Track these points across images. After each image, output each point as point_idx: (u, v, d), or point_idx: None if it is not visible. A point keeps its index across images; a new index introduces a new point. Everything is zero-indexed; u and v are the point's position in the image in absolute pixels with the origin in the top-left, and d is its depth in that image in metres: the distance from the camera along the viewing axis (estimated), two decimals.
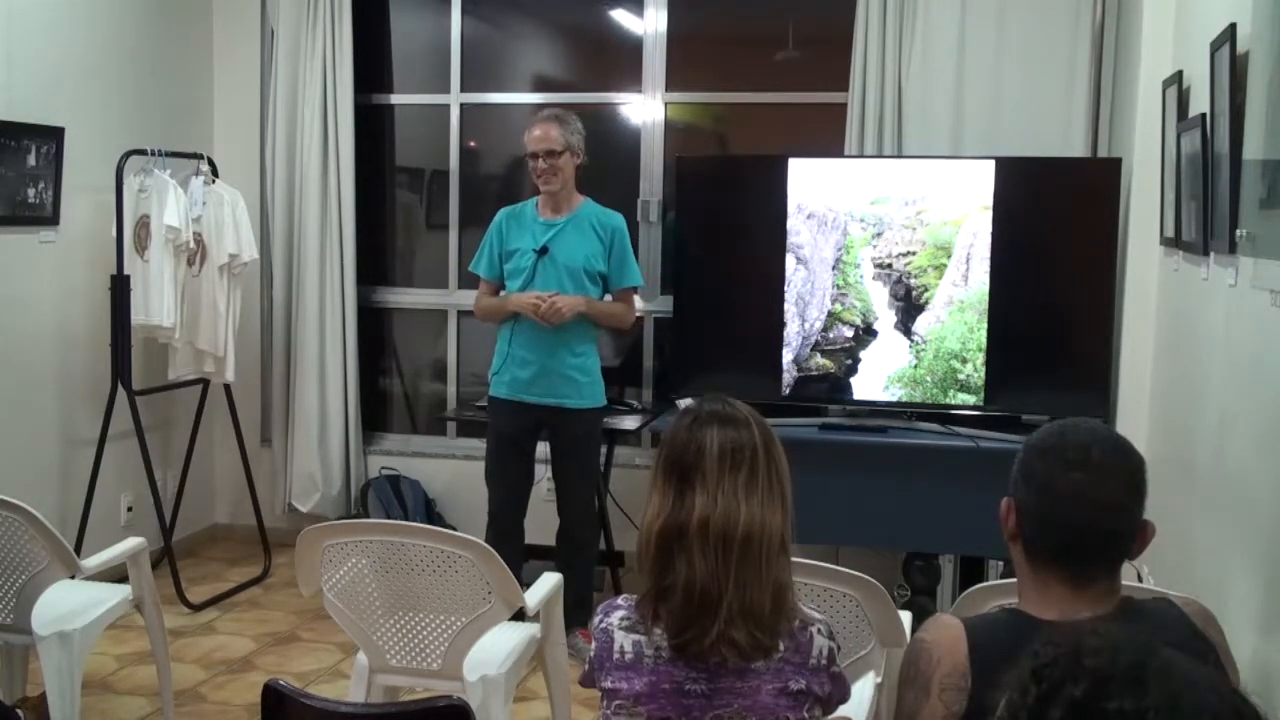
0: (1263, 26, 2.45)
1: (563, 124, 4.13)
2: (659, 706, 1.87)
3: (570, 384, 4.16)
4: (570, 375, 4.16)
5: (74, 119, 4.54)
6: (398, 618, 2.98)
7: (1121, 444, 1.68)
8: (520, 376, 4.16)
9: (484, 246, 4.28)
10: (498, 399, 4.24)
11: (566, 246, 4.14)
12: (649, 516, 1.90)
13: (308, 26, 5.25)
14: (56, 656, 3.12)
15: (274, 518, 5.34)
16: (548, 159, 4.09)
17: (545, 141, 4.09)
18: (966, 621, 1.70)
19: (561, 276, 4.12)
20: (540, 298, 4.05)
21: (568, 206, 4.19)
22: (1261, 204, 2.40)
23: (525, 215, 4.25)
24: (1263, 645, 2.36)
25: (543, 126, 4.12)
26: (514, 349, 4.16)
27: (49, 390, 4.62)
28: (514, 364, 4.17)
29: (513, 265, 4.18)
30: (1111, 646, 0.97)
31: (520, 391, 4.17)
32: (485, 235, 4.30)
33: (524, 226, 4.21)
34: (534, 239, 4.16)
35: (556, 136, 4.09)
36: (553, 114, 4.20)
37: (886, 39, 4.64)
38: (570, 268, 4.13)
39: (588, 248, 4.16)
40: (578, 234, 4.16)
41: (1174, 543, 2.99)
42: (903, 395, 4.34)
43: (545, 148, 4.09)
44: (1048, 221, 4.30)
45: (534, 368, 4.14)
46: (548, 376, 4.14)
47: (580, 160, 4.18)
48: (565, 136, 4.10)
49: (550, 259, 4.13)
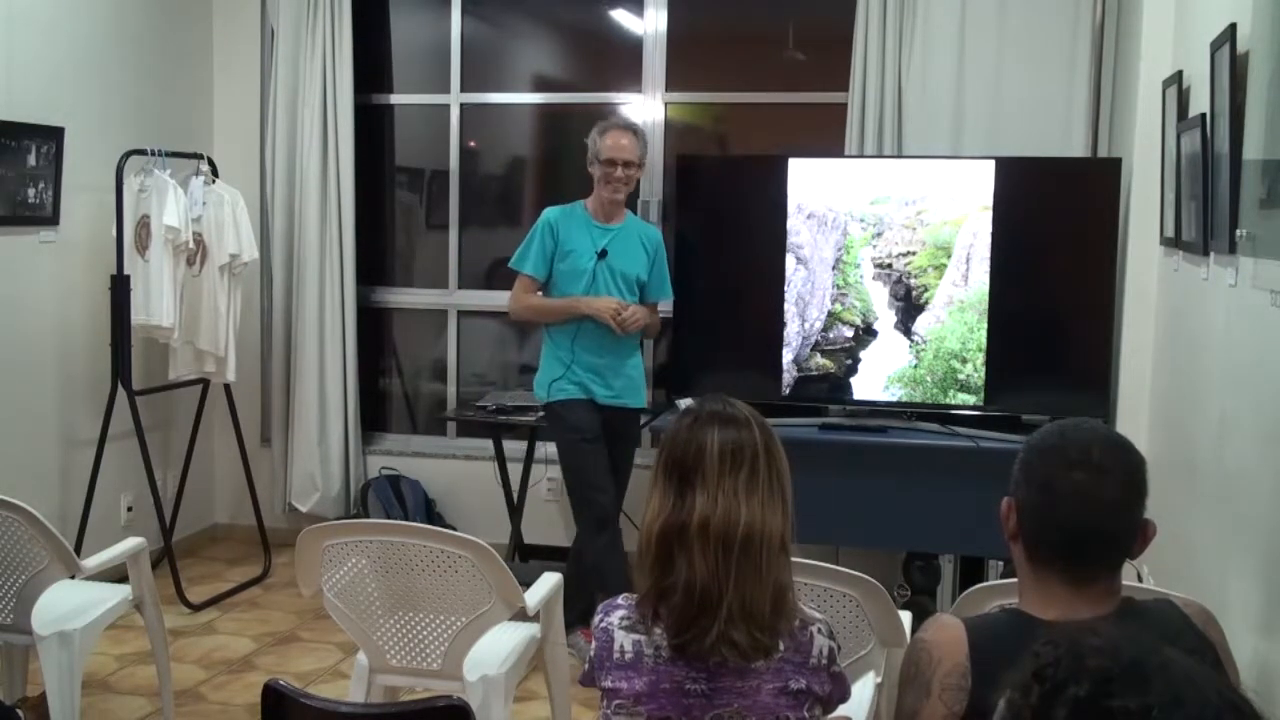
0: (1263, 26, 2.45)
1: (638, 136, 4.17)
2: (659, 706, 1.87)
3: (632, 386, 4.22)
4: (632, 377, 4.22)
5: (74, 119, 4.54)
6: (398, 618, 2.98)
7: (1122, 444, 1.68)
8: (589, 379, 4.16)
9: (531, 245, 4.18)
10: (570, 400, 4.16)
11: (623, 254, 4.17)
12: (649, 516, 1.90)
13: (308, 26, 5.25)
14: (56, 656, 3.12)
15: (274, 518, 5.34)
16: (625, 169, 4.09)
17: (626, 151, 4.09)
18: (967, 621, 1.70)
19: (617, 281, 4.16)
20: (622, 305, 4.06)
21: (619, 216, 4.22)
22: (1261, 204, 2.40)
23: (577, 217, 4.21)
24: (1263, 645, 2.36)
25: (626, 136, 4.11)
26: (579, 354, 4.14)
27: (49, 390, 4.62)
28: (580, 368, 4.15)
29: (569, 266, 4.14)
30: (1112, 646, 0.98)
31: (589, 393, 4.16)
32: (532, 234, 4.19)
33: (578, 228, 4.18)
34: (592, 242, 4.15)
35: (634, 148, 4.11)
36: (629, 124, 4.23)
37: (886, 39, 4.64)
38: (625, 275, 4.17)
39: (640, 258, 4.21)
40: (631, 243, 4.21)
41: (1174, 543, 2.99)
42: (903, 395, 4.34)
43: (625, 157, 4.09)
44: (1048, 221, 4.30)
45: (605, 371, 4.15)
46: (617, 378, 4.17)
47: (642, 173, 4.27)
48: (640, 149, 4.15)
49: (608, 263, 4.14)
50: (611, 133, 4.12)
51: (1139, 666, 0.95)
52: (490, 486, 5.09)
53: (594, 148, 4.13)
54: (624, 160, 4.09)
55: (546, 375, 4.21)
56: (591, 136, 4.15)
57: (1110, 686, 0.94)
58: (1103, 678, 0.95)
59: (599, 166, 4.12)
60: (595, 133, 4.15)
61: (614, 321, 4.04)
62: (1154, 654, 0.97)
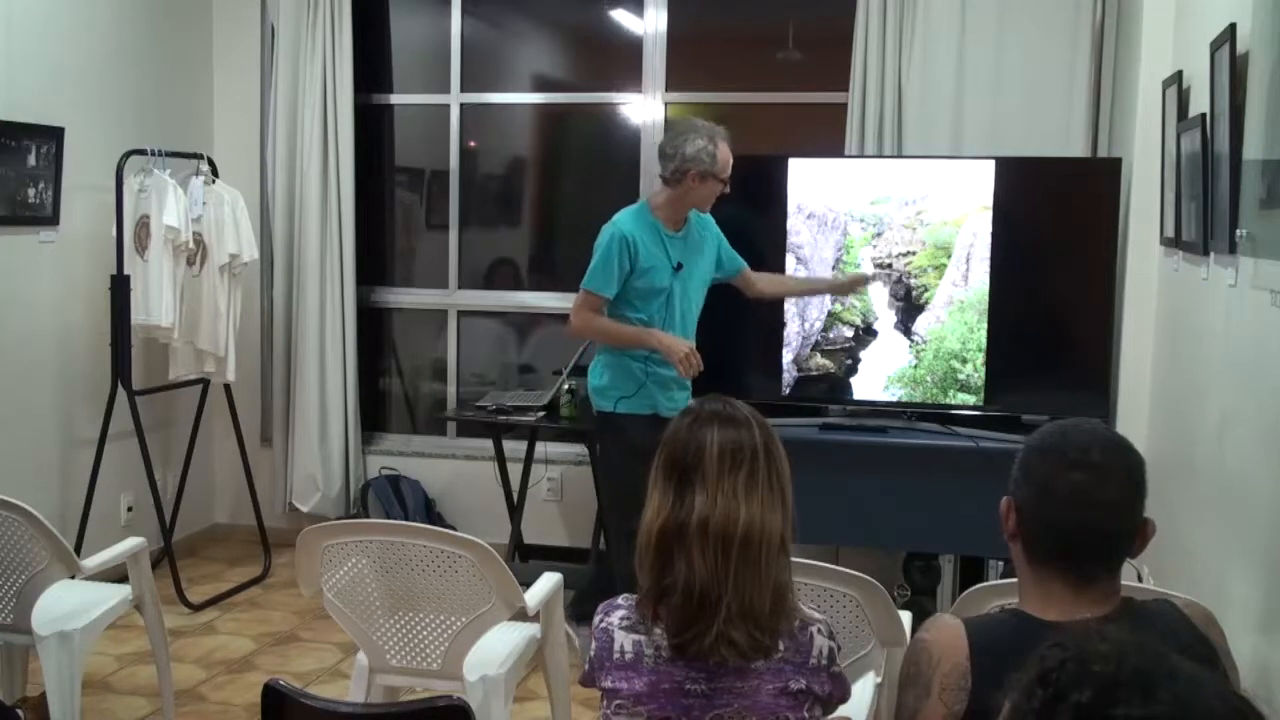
0: (1263, 26, 2.45)
1: None
2: (659, 706, 1.87)
3: (689, 395, 4.00)
4: (688, 386, 3.99)
5: (74, 119, 4.54)
6: (398, 618, 2.98)
7: (1121, 444, 1.68)
8: (659, 393, 3.93)
9: (608, 263, 3.80)
10: (637, 416, 3.91)
11: (694, 257, 3.95)
12: (649, 516, 1.91)
13: (308, 26, 5.25)
14: (56, 656, 3.12)
15: (274, 518, 5.34)
16: (728, 184, 3.86)
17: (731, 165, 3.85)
18: (967, 621, 1.70)
19: (690, 290, 3.95)
20: (694, 351, 3.78)
21: (686, 220, 3.96)
22: (1261, 204, 2.40)
23: (648, 225, 3.87)
24: (1263, 645, 2.36)
25: (729, 149, 3.81)
26: (652, 369, 3.90)
27: (49, 390, 4.62)
28: (654, 383, 3.92)
29: (645, 284, 3.84)
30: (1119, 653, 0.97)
31: (659, 407, 3.92)
32: (608, 250, 3.80)
33: (653, 241, 3.86)
34: (668, 255, 3.89)
35: None
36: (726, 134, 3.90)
37: (886, 39, 4.64)
38: (701, 279, 3.99)
39: (706, 264, 4.01)
40: (697, 249, 3.98)
41: (1174, 543, 2.99)
42: (903, 395, 4.34)
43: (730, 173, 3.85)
44: (1048, 221, 4.30)
45: (674, 383, 3.92)
46: (684, 389, 3.96)
47: None
48: None
49: (684, 274, 3.92)
50: (725, 146, 3.79)
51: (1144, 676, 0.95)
52: (490, 486, 5.09)
53: (709, 161, 3.75)
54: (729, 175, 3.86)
55: (615, 389, 3.93)
56: (700, 146, 3.75)
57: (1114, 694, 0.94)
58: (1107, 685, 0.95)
59: (713, 182, 3.80)
60: (705, 143, 3.76)
61: (682, 365, 3.77)
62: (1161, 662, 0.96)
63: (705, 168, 3.76)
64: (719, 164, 3.77)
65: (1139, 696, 0.93)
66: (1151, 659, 0.96)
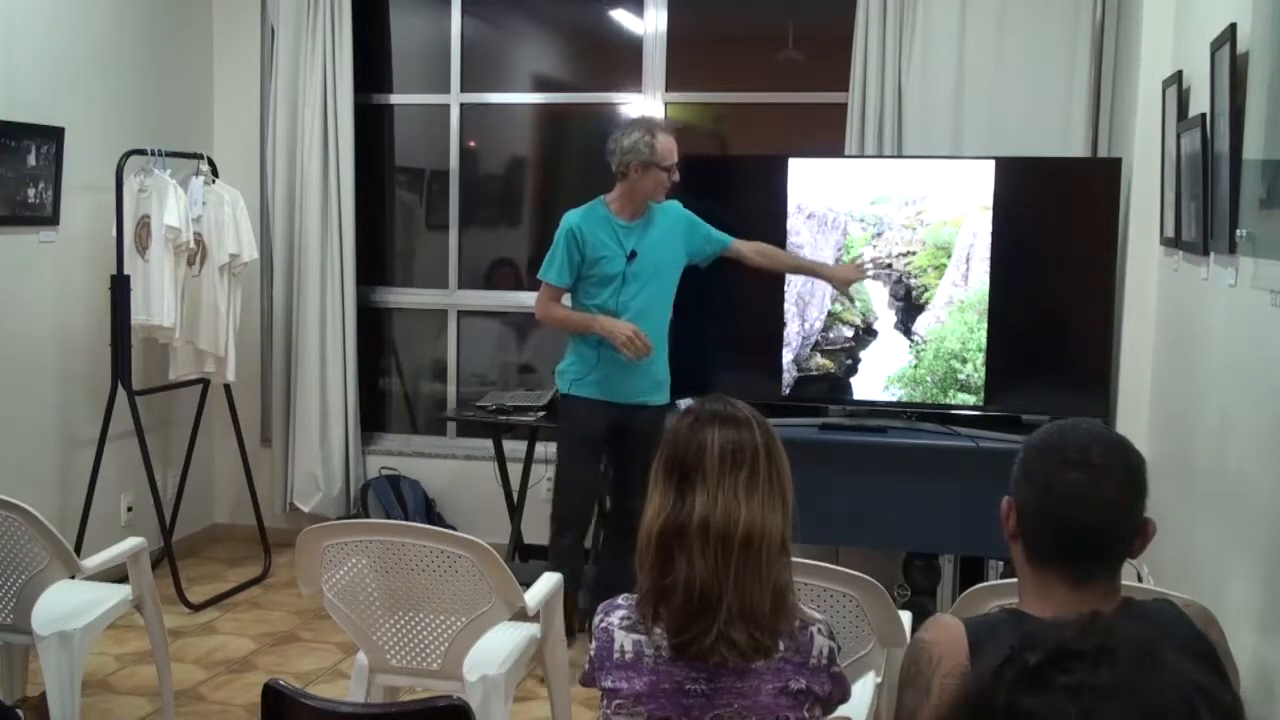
0: (1263, 26, 2.45)
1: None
2: (659, 706, 1.87)
3: (657, 385, 4.14)
4: (657, 376, 4.13)
5: (74, 119, 4.54)
6: (398, 618, 2.98)
7: (1121, 443, 1.68)
8: (612, 378, 4.05)
9: (557, 254, 4.04)
10: (584, 399, 4.09)
11: (654, 247, 4.07)
12: (649, 516, 1.91)
13: (308, 26, 5.25)
14: (56, 656, 3.12)
15: (274, 518, 5.34)
16: (675, 171, 4.01)
17: (675, 154, 4.00)
18: (967, 621, 1.70)
19: (648, 279, 4.05)
20: (639, 334, 3.94)
21: (645, 210, 4.09)
22: (1261, 204, 2.40)
23: (600, 217, 4.06)
24: (1263, 645, 2.36)
25: (671, 139, 4.01)
26: (605, 351, 4.03)
27: (49, 390, 4.62)
28: (606, 365, 4.05)
29: (598, 272, 4.03)
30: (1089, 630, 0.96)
31: (608, 393, 4.08)
32: (557, 242, 4.04)
33: (603, 231, 4.04)
34: (620, 244, 4.04)
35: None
36: (669, 125, 4.12)
37: (886, 39, 4.65)
38: (659, 269, 4.08)
39: (672, 245, 4.12)
40: (659, 233, 4.09)
41: (1174, 543, 2.99)
42: (903, 395, 4.34)
43: (675, 160, 4.00)
44: (1048, 221, 4.30)
45: (631, 370, 4.03)
46: (644, 378, 4.08)
47: None
48: None
49: (639, 262, 4.03)
50: (664, 136, 3.98)
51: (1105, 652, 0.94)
52: (490, 486, 5.09)
53: (646, 151, 3.94)
54: (675, 163, 4.01)
55: (570, 371, 4.14)
56: (636, 138, 3.96)
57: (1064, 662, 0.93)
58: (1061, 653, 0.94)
59: (655, 170, 3.97)
60: (642, 135, 3.96)
61: (627, 350, 3.93)
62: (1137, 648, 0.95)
63: (645, 158, 3.95)
64: (658, 154, 3.96)
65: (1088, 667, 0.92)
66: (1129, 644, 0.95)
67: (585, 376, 4.10)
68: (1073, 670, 0.92)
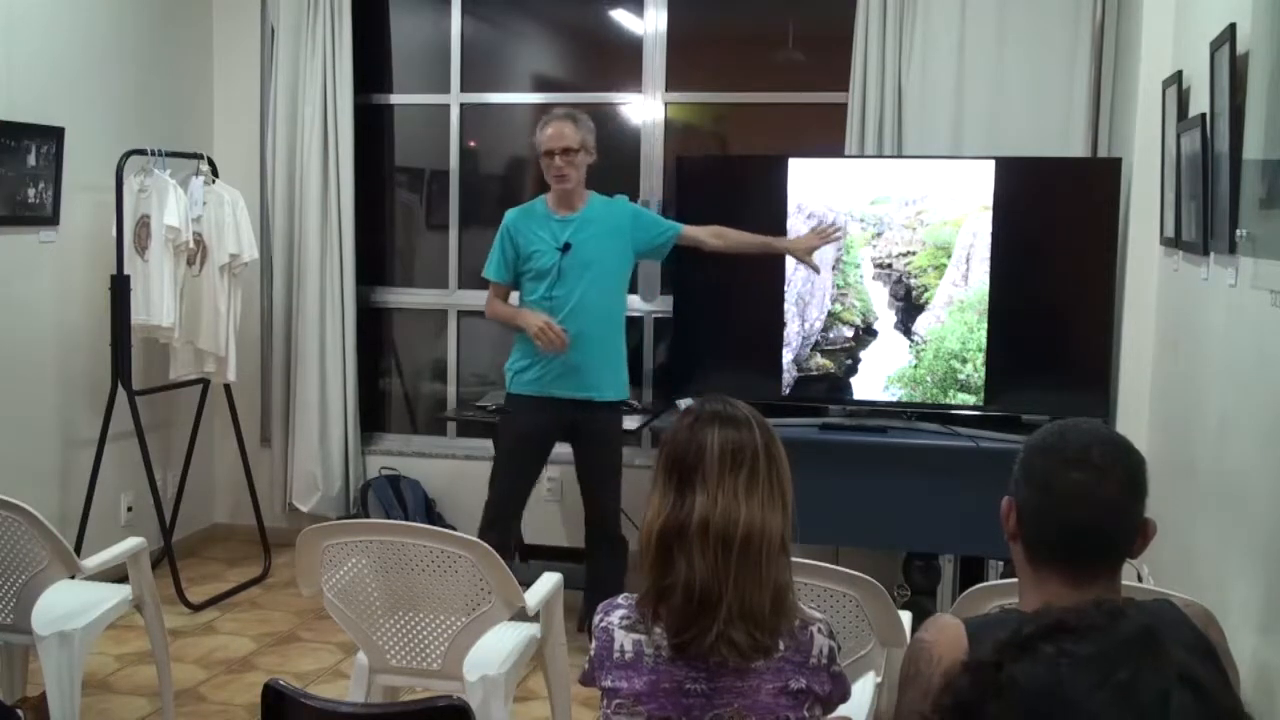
0: (1263, 26, 2.45)
1: (577, 122, 4.13)
2: (659, 706, 1.87)
3: (607, 379, 4.16)
4: (603, 371, 4.15)
5: (74, 119, 4.54)
6: (398, 618, 2.98)
7: (1122, 443, 1.68)
8: (555, 373, 4.10)
9: (494, 251, 4.21)
10: (525, 397, 4.16)
11: (591, 240, 4.13)
12: (649, 516, 1.91)
13: (308, 26, 5.25)
14: (56, 656, 3.12)
15: (274, 518, 5.34)
16: (564, 156, 4.07)
17: (561, 139, 4.08)
18: (967, 621, 1.70)
19: (585, 273, 4.10)
20: (550, 325, 4.00)
21: (581, 202, 4.18)
22: (1261, 204, 2.40)
23: (537, 214, 4.19)
24: (1263, 645, 2.36)
25: (557, 125, 4.11)
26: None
27: (49, 390, 4.62)
28: (544, 359, 4.10)
29: (534, 266, 4.12)
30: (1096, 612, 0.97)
31: (548, 388, 4.12)
32: (495, 242, 4.22)
33: (538, 226, 4.16)
34: (554, 237, 4.12)
35: (571, 134, 4.09)
36: (567, 113, 4.19)
37: (886, 39, 4.64)
38: (598, 262, 4.12)
39: (613, 240, 4.16)
40: (599, 228, 4.15)
41: (1174, 543, 2.99)
42: (903, 395, 4.34)
43: (562, 145, 4.07)
44: (1048, 221, 4.30)
45: (578, 365, 4.08)
46: (589, 373, 4.11)
47: (592, 159, 4.18)
48: (580, 134, 4.11)
49: (574, 255, 4.09)
50: (547, 124, 4.11)
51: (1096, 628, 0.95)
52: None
53: (539, 140, 4.13)
54: (560, 149, 4.07)
55: (512, 366, 4.21)
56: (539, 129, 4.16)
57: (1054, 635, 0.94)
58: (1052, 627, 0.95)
59: (545, 156, 4.11)
60: (538, 128, 4.16)
61: (539, 341, 4.00)
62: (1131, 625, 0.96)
63: (539, 148, 4.12)
64: (540, 141, 4.12)
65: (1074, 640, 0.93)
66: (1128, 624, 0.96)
67: (524, 373, 4.17)
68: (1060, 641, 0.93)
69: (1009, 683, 0.92)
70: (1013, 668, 0.93)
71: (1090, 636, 0.94)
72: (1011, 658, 0.94)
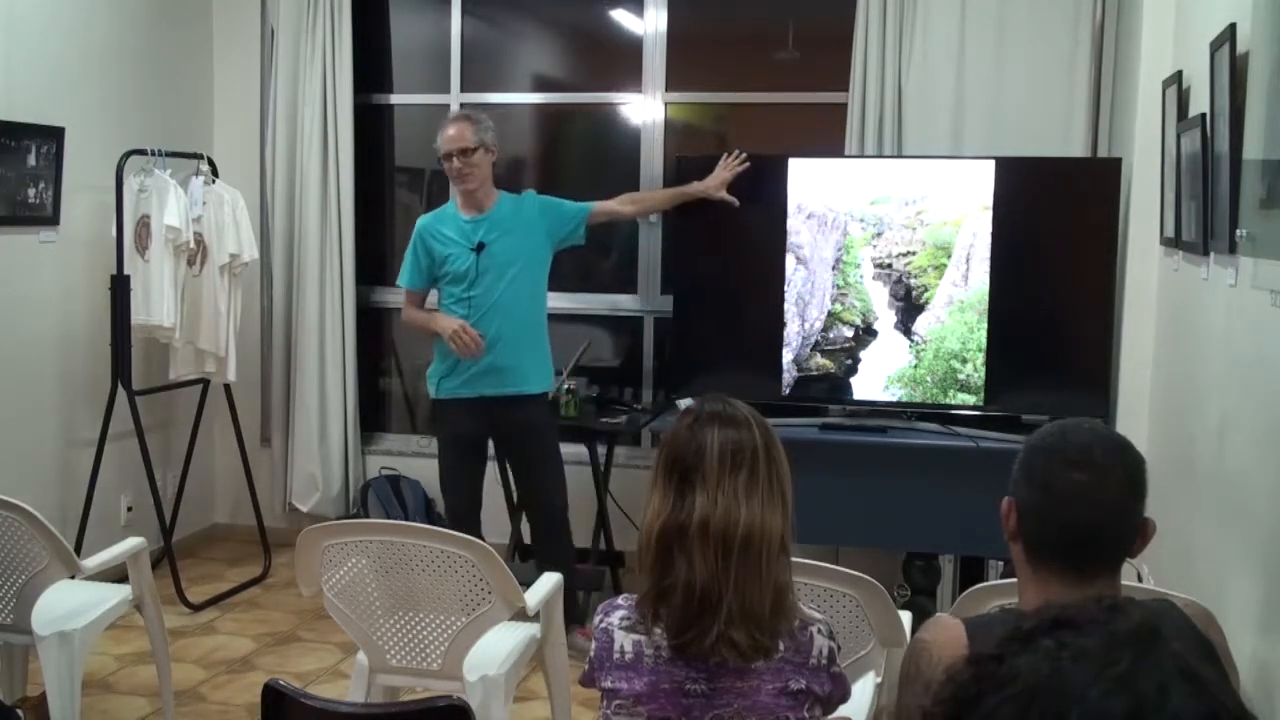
0: (1263, 26, 2.45)
1: (473, 122, 4.14)
2: (659, 706, 1.87)
3: (531, 373, 4.16)
4: (525, 366, 4.15)
5: (74, 119, 4.54)
6: (398, 618, 2.98)
7: (1122, 443, 1.68)
8: (478, 373, 4.11)
9: (408, 258, 4.23)
10: (452, 400, 4.17)
11: (504, 237, 4.14)
12: (649, 517, 1.91)
13: (308, 26, 5.25)
14: (56, 656, 3.12)
15: (274, 518, 5.34)
16: (462, 158, 4.08)
17: (458, 141, 4.08)
18: (967, 621, 1.71)
19: (502, 271, 4.11)
20: (465, 329, 4.02)
21: (489, 202, 4.18)
22: (1261, 204, 2.40)
23: (447, 218, 4.20)
24: (1263, 645, 2.36)
25: (454, 126, 4.12)
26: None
27: (49, 390, 4.62)
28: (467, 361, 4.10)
29: (450, 269, 4.13)
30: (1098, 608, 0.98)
31: (478, 390, 4.13)
32: (409, 247, 4.24)
33: (450, 229, 4.17)
34: (466, 239, 4.13)
35: (469, 135, 4.09)
36: (462, 114, 4.26)
37: (886, 39, 4.64)
38: (513, 257, 4.13)
39: (526, 234, 4.17)
40: (510, 223, 4.17)
41: (1174, 543, 2.99)
42: (903, 395, 4.34)
43: (458, 147, 4.08)
44: (1048, 221, 4.30)
45: (498, 363, 4.09)
46: (511, 371, 4.12)
47: (495, 156, 4.20)
48: (477, 134, 4.10)
49: (488, 255, 4.10)
50: (444, 128, 4.12)
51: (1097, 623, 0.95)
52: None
53: (436, 146, 4.14)
54: (457, 150, 4.07)
55: (436, 372, 4.22)
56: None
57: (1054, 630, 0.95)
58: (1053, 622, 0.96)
59: (443, 162, 4.14)
60: (438, 131, 4.15)
61: (454, 344, 4.01)
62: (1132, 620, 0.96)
63: (438, 151, 4.15)
64: (439, 144, 4.12)
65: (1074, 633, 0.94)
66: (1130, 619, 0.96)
67: (448, 377, 4.18)
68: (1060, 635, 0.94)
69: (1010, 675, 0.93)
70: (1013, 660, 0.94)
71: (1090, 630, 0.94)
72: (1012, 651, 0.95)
